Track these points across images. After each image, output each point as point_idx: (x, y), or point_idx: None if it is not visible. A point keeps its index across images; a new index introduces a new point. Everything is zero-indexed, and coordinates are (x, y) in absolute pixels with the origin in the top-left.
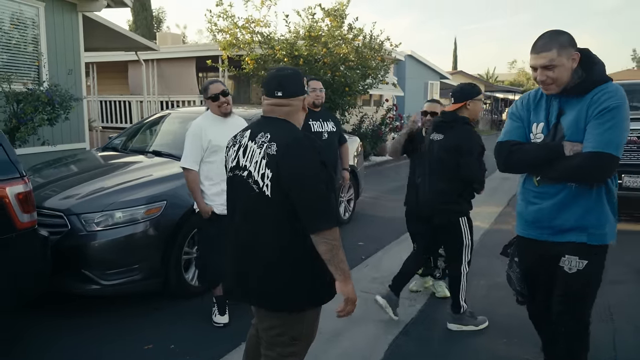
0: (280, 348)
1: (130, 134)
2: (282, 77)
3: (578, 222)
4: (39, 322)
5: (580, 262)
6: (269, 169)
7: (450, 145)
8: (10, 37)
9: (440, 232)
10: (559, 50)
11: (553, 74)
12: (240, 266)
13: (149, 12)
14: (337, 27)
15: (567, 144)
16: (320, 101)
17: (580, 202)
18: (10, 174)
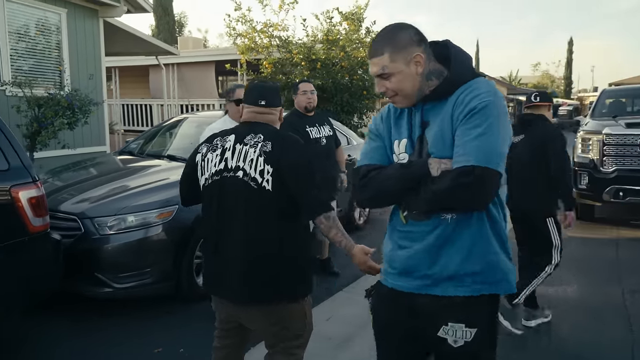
0: (285, 342)
1: (147, 138)
2: (265, 88)
3: (460, 267)
4: (48, 323)
5: (468, 330)
6: (269, 165)
7: (535, 144)
8: (36, 43)
9: (530, 234)
10: (391, 55)
11: (390, 84)
12: (241, 263)
13: (171, 17)
14: (355, 30)
15: (433, 162)
16: (312, 105)
17: (462, 240)
18: (23, 179)
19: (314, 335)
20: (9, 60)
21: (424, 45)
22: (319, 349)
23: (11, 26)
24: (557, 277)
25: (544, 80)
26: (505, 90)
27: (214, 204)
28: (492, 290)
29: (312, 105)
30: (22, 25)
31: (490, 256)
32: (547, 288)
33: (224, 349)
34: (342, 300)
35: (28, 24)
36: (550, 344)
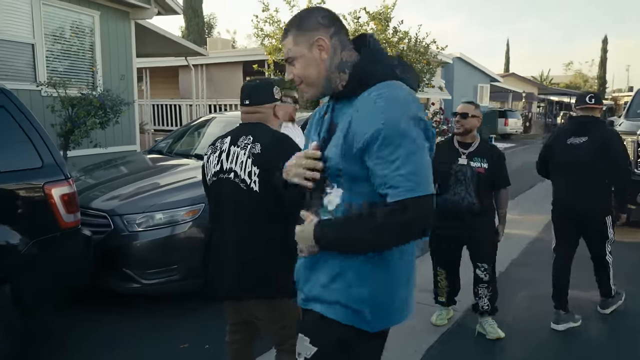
0: (290, 340)
1: (176, 137)
2: (251, 87)
3: (324, 290)
4: (79, 317)
5: (310, 347)
6: (256, 166)
7: (597, 145)
8: (70, 45)
9: (588, 232)
10: (295, 37)
11: (295, 69)
12: (233, 263)
13: (200, 19)
14: (382, 30)
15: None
16: None
17: (332, 264)
18: (56, 176)
19: None
20: (44, 61)
21: (333, 30)
22: None
23: (47, 29)
24: (585, 281)
25: (576, 79)
26: (535, 90)
27: (211, 205)
28: (347, 320)
29: None
30: (57, 27)
31: (354, 288)
32: (580, 293)
33: (234, 344)
34: None
35: (63, 27)
36: (574, 349)
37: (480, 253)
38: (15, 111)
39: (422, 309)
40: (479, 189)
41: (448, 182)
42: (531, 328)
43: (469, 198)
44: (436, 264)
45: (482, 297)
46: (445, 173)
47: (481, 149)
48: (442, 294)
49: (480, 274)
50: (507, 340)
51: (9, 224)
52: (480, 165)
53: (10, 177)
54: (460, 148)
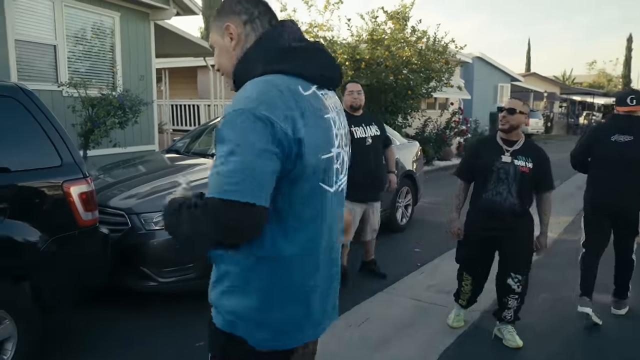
0: None
1: (193, 137)
2: None
3: (213, 296)
4: (97, 315)
5: (209, 354)
6: None
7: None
8: (92, 46)
9: (622, 227)
10: (212, 24)
11: (215, 58)
12: None
13: None
14: (400, 29)
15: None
16: (357, 104)
17: (219, 269)
18: (74, 175)
19: (351, 335)
20: (66, 62)
21: (246, 17)
22: (355, 350)
23: (69, 30)
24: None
25: (600, 79)
26: (558, 89)
27: None
28: (225, 328)
29: (357, 105)
30: (79, 29)
31: (226, 295)
32: (600, 296)
33: None
34: (382, 300)
35: (84, 28)
36: (596, 353)
37: (515, 261)
38: (35, 110)
39: (438, 310)
40: (522, 189)
41: (489, 180)
42: (550, 331)
43: (511, 198)
44: (463, 269)
45: (510, 307)
46: (487, 170)
47: (527, 148)
48: (465, 299)
49: (512, 284)
50: (526, 343)
51: (28, 221)
52: (525, 165)
53: (30, 175)
54: (504, 145)
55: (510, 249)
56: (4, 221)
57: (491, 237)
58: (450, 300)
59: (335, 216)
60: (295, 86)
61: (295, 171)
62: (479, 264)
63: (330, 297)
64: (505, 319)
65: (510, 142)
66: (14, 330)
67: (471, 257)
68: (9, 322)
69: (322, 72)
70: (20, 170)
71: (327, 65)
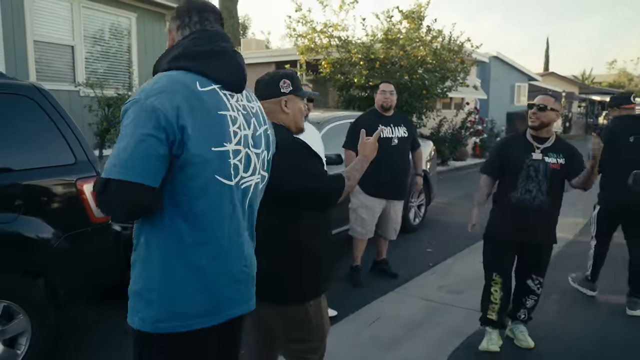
0: (292, 345)
1: None
2: (257, 82)
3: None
4: (109, 311)
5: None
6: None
7: None
8: (109, 47)
9: (637, 226)
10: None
11: None
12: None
13: (235, 20)
14: (415, 29)
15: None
16: (389, 104)
17: (134, 256)
18: (88, 173)
19: (361, 335)
20: (84, 63)
21: (179, 22)
22: (365, 349)
23: (86, 31)
24: (625, 286)
25: (620, 78)
26: (576, 89)
27: None
28: (139, 324)
29: (388, 105)
30: (96, 30)
31: (139, 283)
32: (613, 297)
33: (256, 343)
34: (393, 300)
35: (102, 29)
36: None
37: (538, 264)
38: (50, 109)
39: (449, 311)
40: (552, 186)
41: (518, 177)
42: (561, 332)
43: (541, 196)
44: (493, 270)
45: (528, 307)
46: (516, 167)
47: (558, 145)
48: (494, 310)
49: (532, 285)
50: (536, 343)
51: (42, 218)
52: (556, 161)
53: (44, 173)
54: (535, 142)
55: (534, 251)
56: (18, 218)
57: (517, 239)
58: (460, 300)
59: (243, 210)
60: (192, 82)
61: (183, 157)
62: (507, 265)
63: (239, 290)
64: (519, 318)
65: (541, 140)
66: (28, 325)
67: (499, 256)
68: (23, 317)
69: (226, 74)
70: (34, 168)
71: (232, 70)
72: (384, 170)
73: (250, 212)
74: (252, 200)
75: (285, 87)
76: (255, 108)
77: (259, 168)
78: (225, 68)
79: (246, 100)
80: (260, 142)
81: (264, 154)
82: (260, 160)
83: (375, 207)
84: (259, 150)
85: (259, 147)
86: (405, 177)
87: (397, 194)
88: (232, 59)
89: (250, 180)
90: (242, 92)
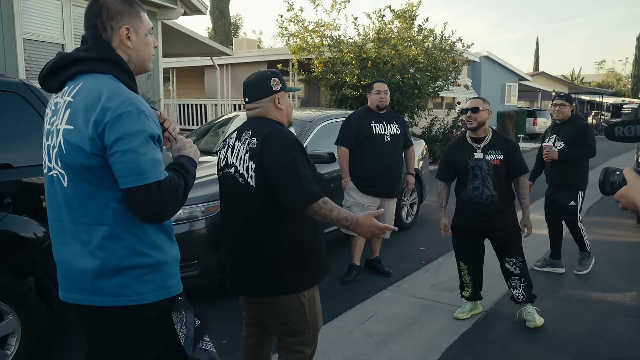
0: (288, 338)
1: (199, 135)
2: (247, 85)
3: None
4: None
5: None
6: (252, 161)
7: None
8: None
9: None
10: None
11: None
12: (237, 259)
13: (227, 20)
14: (407, 28)
15: None
16: (384, 104)
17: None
18: None
19: (355, 333)
20: None
21: (127, 18)
22: (359, 347)
23: (77, 30)
24: (616, 284)
25: (609, 79)
26: (566, 89)
27: (220, 200)
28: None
29: (384, 105)
30: None
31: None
32: (605, 295)
33: (251, 338)
34: (387, 298)
35: None
36: (601, 354)
37: (505, 248)
38: (40, 107)
39: (442, 309)
40: (498, 180)
41: (466, 178)
42: (557, 330)
43: (488, 191)
44: (459, 258)
45: (516, 287)
46: (463, 169)
47: (494, 141)
48: (468, 288)
49: (510, 267)
50: (531, 342)
51: (32, 216)
52: (496, 158)
53: (34, 171)
54: (474, 143)
55: (499, 238)
56: (7, 216)
57: (478, 229)
58: (454, 298)
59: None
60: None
61: None
62: (470, 252)
63: (70, 278)
64: (519, 299)
65: (479, 140)
66: (18, 325)
67: (462, 246)
68: (13, 317)
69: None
70: (24, 166)
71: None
72: (376, 167)
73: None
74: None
75: (276, 85)
76: (60, 104)
77: (55, 158)
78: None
79: (64, 95)
80: (51, 135)
81: (55, 151)
82: (55, 151)
83: (370, 205)
84: (50, 142)
85: (49, 139)
86: (399, 175)
87: (390, 193)
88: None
89: (53, 171)
90: (64, 89)
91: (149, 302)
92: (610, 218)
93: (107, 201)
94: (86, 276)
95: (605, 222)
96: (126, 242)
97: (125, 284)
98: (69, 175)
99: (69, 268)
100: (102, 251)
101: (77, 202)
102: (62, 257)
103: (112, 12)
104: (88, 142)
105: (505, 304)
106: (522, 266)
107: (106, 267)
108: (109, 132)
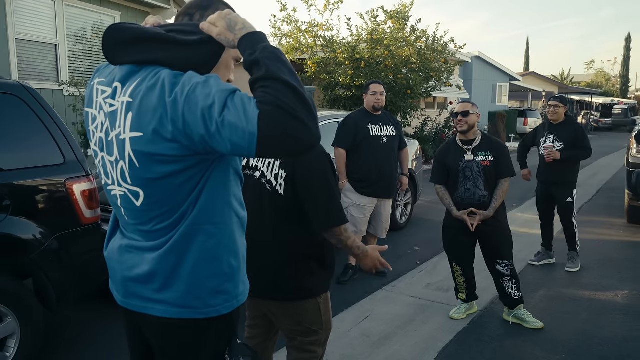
0: (301, 337)
1: None
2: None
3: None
4: (100, 311)
5: None
6: (283, 170)
7: None
8: (92, 45)
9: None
10: None
11: None
12: (256, 262)
13: None
14: (400, 29)
15: None
16: (380, 105)
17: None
18: (77, 173)
19: (351, 332)
20: (67, 61)
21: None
22: (355, 346)
23: (69, 29)
24: (607, 283)
25: (598, 78)
26: (556, 89)
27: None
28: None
29: (380, 106)
30: (79, 28)
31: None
32: (597, 293)
33: (254, 339)
34: (382, 298)
35: (85, 27)
36: (593, 353)
37: (498, 250)
38: (38, 109)
39: (437, 308)
40: (488, 181)
41: (457, 180)
42: (550, 328)
43: (479, 192)
44: (451, 260)
45: (509, 288)
46: (454, 171)
47: (484, 143)
48: (462, 290)
49: (501, 269)
50: (526, 340)
51: (31, 218)
52: (486, 159)
53: (32, 173)
54: (464, 146)
55: (490, 240)
56: (6, 218)
57: (466, 229)
58: (449, 297)
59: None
60: (94, 75)
61: None
62: (463, 252)
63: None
64: (515, 297)
65: (469, 142)
66: (17, 327)
67: (454, 246)
68: (12, 319)
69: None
70: (22, 168)
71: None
72: (373, 168)
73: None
74: (127, 211)
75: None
76: (116, 105)
77: (117, 178)
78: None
79: (114, 93)
80: (112, 150)
81: (120, 164)
82: (116, 169)
83: (367, 205)
84: (112, 158)
85: (112, 154)
86: (395, 176)
87: (387, 193)
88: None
89: (114, 189)
90: (120, 80)
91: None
92: (600, 217)
93: None
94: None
95: (596, 221)
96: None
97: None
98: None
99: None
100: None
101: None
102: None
103: None
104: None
105: (500, 303)
106: (512, 267)
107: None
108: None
